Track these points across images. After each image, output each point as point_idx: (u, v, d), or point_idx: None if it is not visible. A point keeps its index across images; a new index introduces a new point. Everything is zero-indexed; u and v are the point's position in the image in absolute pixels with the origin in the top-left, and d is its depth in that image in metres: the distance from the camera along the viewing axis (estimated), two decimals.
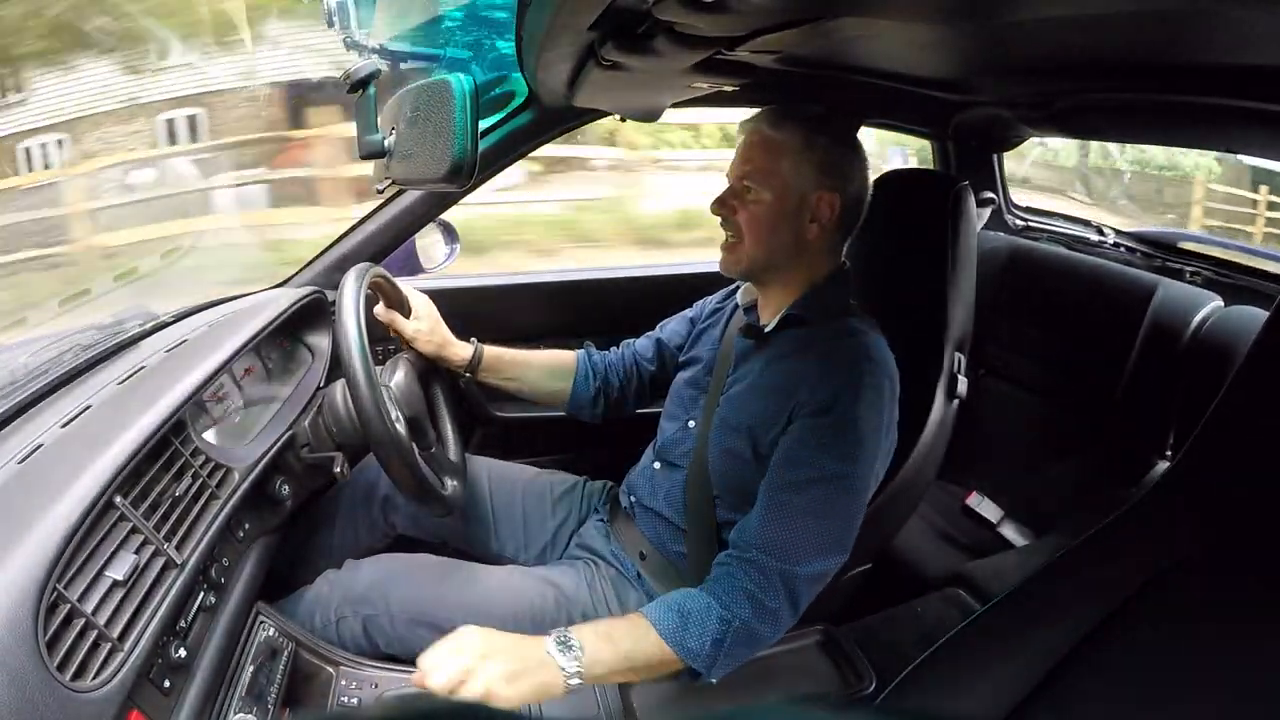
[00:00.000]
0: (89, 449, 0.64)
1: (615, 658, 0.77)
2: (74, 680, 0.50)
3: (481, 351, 1.12)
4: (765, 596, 0.81)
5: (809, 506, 0.84)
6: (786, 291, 0.99)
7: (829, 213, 0.93)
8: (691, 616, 0.80)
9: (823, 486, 0.84)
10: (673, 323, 1.21)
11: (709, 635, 0.80)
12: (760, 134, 0.95)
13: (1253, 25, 0.55)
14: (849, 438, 0.85)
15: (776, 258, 0.96)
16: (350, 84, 0.89)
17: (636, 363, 1.20)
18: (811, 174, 0.92)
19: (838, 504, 0.85)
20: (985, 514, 1.42)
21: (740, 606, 0.81)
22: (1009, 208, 1.70)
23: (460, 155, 0.78)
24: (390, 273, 1.06)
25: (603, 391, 1.19)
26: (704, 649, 0.79)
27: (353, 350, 0.83)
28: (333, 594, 0.95)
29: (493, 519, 1.15)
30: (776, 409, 0.91)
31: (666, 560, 1.02)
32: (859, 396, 0.86)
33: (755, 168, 0.94)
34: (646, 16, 0.59)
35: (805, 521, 0.83)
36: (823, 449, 0.85)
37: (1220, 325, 1.16)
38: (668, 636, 0.79)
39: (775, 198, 0.93)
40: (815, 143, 0.93)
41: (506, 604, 0.97)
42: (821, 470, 0.84)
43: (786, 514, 0.84)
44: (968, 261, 1.02)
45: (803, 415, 0.88)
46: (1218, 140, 1.07)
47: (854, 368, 0.88)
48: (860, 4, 0.62)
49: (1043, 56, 0.82)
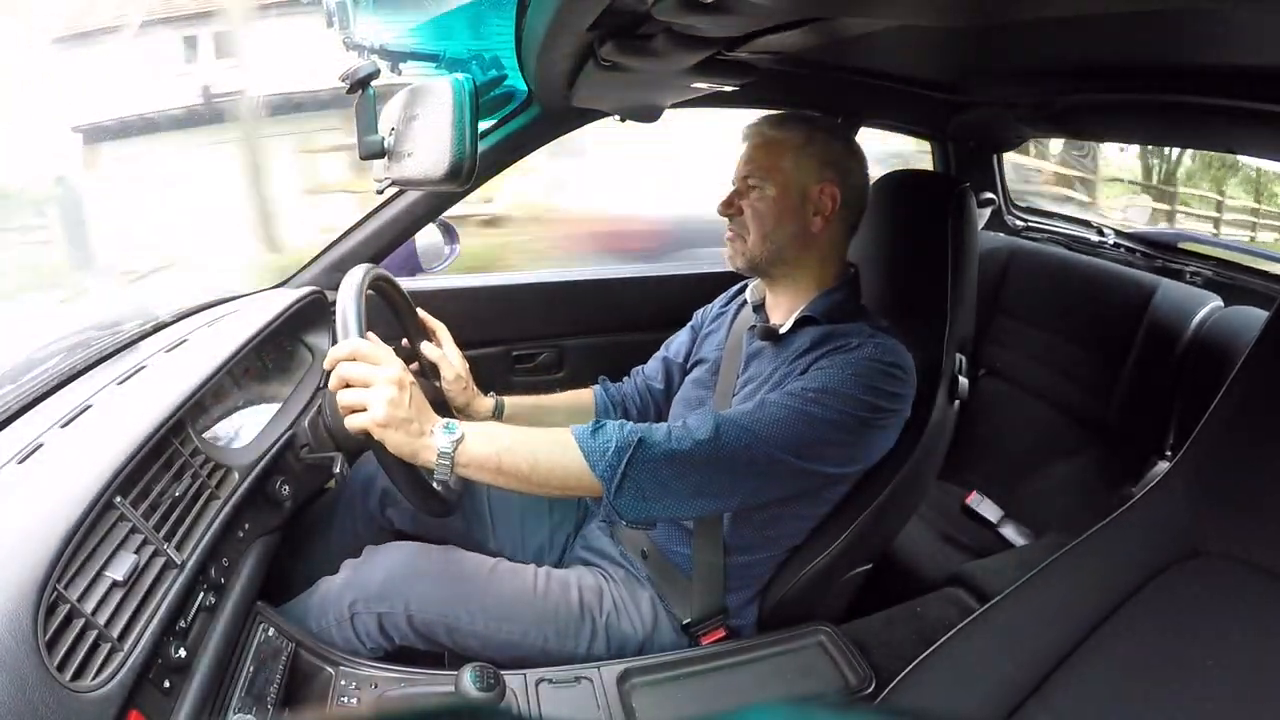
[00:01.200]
0: (89, 449, 0.64)
1: (491, 450, 0.79)
2: (74, 680, 0.50)
3: (503, 404, 1.11)
4: (691, 429, 0.83)
5: (735, 444, 0.83)
6: (797, 291, 0.99)
7: (831, 204, 0.95)
8: (607, 427, 0.82)
9: (787, 411, 0.84)
10: (676, 340, 1.21)
11: (613, 440, 0.81)
12: (762, 135, 0.98)
13: (1253, 25, 0.55)
14: (832, 402, 0.85)
15: (784, 251, 0.97)
16: (350, 84, 0.89)
17: (649, 387, 1.20)
18: (813, 167, 0.95)
19: (760, 460, 0.83)
20: (985, 514, 1.42)
21: (660, 431, 0.83)
22: (1009, 208, 1.71)
23: (460, 156, 0.78)
24: (390, 273, 1.06)
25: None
26: (606, 451, 0.80)
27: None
28: (346, 590, 0.92)
29: (490, 517, 1.15)
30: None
31: (669, 560, 1.02)
32: (859, 370, 0.86)
33: (758, 166, 0.96)
34: (646, 17, 0.59)
35: (762, 421, 0.83)
36: (787, 404, 0.85)
37: (1220, 325, 1.16)
38: (577, 433, 0.82)
39: (779, 192, 0.95)
40: (815, 138, 0.96)
41: (531, 608, 0.96)
42: (773, 424, 0.84)
43: (750, 411, 0.85)
44: (968, 262, 1.02)
45: (794, 376, 0.89)
46: (1218, 140, 1.07)
47: (860, 349, 0.88)
48: (860, 4, 0.62)
49: (1042, 57, 0.82)
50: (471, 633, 0.93)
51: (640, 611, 0.99)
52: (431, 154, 0.80)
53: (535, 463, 0.80)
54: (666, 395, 1.19)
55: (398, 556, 0.96)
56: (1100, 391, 1.29)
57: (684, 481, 0.82)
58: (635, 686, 0.89)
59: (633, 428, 0.83)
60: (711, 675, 0.91)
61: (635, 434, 0.82)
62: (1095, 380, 1.31)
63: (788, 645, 0.96)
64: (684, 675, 0.91)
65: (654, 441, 0.82)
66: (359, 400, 0.75)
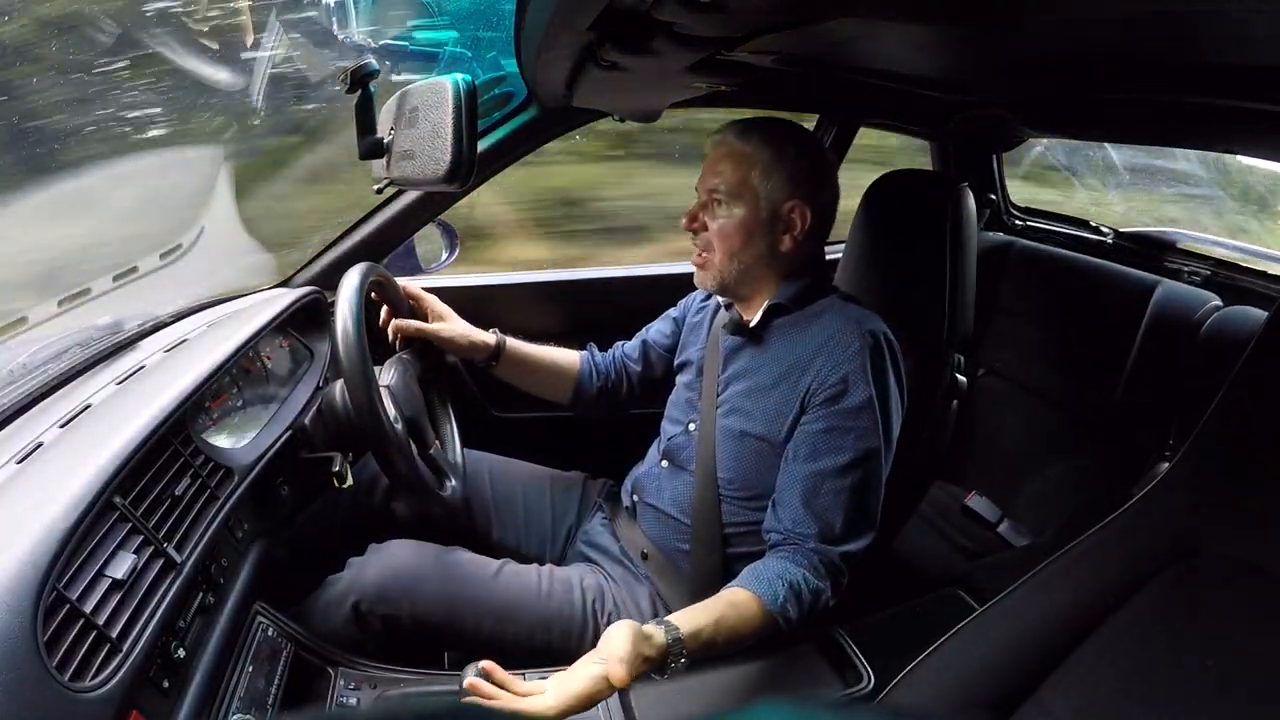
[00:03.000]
0: (88, 449, 0.64)
1: (710, 628, 0.79)
2: (73, 680, 0.50)
3: (504, 341, 1.13)
4: (818, 578, 0.85)
5: (851, 487, 0.87)
6: (764, 292, 0.99)
7: (801, 224, 0.94)
8: (788, 582, 0.84)
9: (859, 468, 0.87)
10: (658, 323, 1.22)
11: (805, 604, 0.84)
12: (728, 146, 0.94)
13: (1253, 25, 0.55)
14: (870, 415, 0.88)
15: (751, 270, 0.96)
16: (349, 84, 0.89)
17: (625, 365, 1.22)
18: (782, 185, 0.92)
19: (872, 479, 0.89)
20: (985, 514, 1.41)
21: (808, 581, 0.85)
22: (1008, 208, 1.70)
23: (459, 156, 0.78)
24: (390, 273, 1.06)
25: (604, 390, 1.20)
26: (798, 616, 0.83)
27: (351, 351, 0.83)
28: (349, 592, 0.92)
29: (494, 510, 1.15)
30: (785, 400, 0.92)
31: (669, 559, 1.02)
32: (866, 370, 0.88)
33: (724, 181, 0.93)
34: (645, 17, 0.59)
35: (847, 501, 0.87)
36: (849, 433, 0.88)
37: (1220, 325, 1.16)
38: (769, 601, 0.82)
39: (747, 212, 0.93)
40: (785, 153, 0.92)
41: (534, 609, 0.96)
42: (854, 453, 0.87)
43: (829, 499, 0.87)
44: (968, 262, 1.02)
45: (818, 404, 0.89)
46: (1218, 140, 1.07)
47: (851, 343, 0.89)
48: (859, 4, 0.62)
49: (1042, 57, 0.82)
50: (475, 634, 0.93)
51: (641, 611, 0.99)
52: (431, 154, 0.80)
53: (730, 646, 0.81)
54: (643, 375, 1.21)
55: (401, 557, 0.96)
56: (1100, 391, 1.29)
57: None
58: (635, 686, 0.89)
59: (806, 577, 0.85)
60: (711, 675, 0.91)
61: (814, 590, 0.85)
62: (1095, 380, 1.31)
63: (788, 645, 0.96)
64: (684, 675, 0.91)
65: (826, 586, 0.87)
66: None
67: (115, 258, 1.12)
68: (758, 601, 0.81)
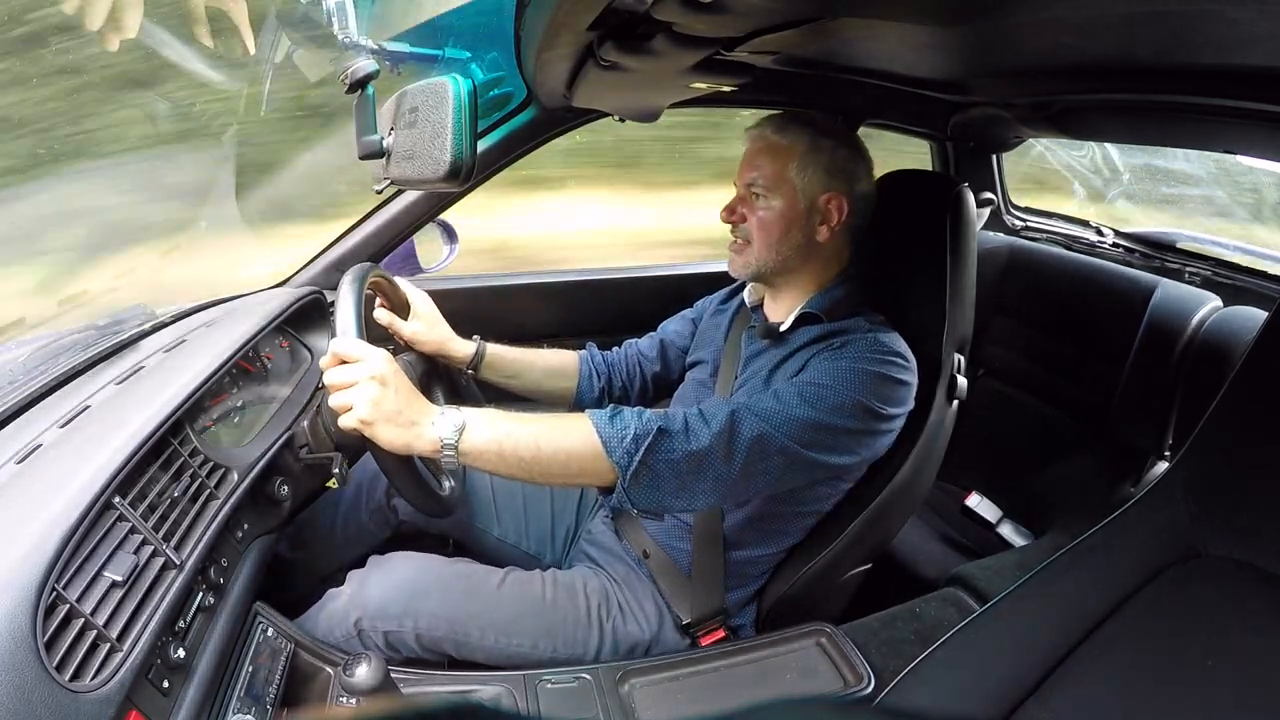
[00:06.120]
0: (88, 449, 0.64)
1: (493, 434, 0.77)
2: (73, 681, 0.50)
3: (484, 349, 1.11)
4: (707, 420, 0.81)
5: (782, 405, 0.83)
6: (797, 292, 0.99)
7: (838, 215, 0.95)
8: (625, 414, 0.80)
9: (782, 430, 0.82)
10: (674, 322, 1.21)
11: (632, 427, 0.79)
12: (765, 140, 0.96)
13: (1252, 26, 0.55)
14: (840, 380, 0.85)
15: (789, 261, 0.97)
16: (349, 84, 0.88)
17: (640, 362, 1.20)
18: (819, 177, 0.94)
19: (788, 455, 0.83)
20: (985, 514, 1.42)
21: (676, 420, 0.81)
22: (1008, 208, 1.70)
23: (459, 156, 0.78)
24: (390, 273, 1.05)
25: (606, 392, 1.19)
26: (625, 437, 0.78)
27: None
28: (351, 608, 0.91)
29: (494, 508, 1.15)
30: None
31: (670, 559, 1.02)
32: (863, 367, 0.86)
33: (762, 174, 0.95)
34: (645, 17, 0.59)
35: (749, 445, 0.81)
36: (814, 383, 0.85)
37: (1219, 325, 1.16)
38: (594, 417, 0.79)
39: (785, 203, 0.94)
40: (821, 145, 0.94)
41: (540, 619, 0.95)
42: (806, 392, 0.84)
43: (754, 404, 0.84)
44: (968, 262, 1.02)
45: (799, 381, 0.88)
46: (1218, 141, 1.07)
47: (864, 355, 0.88)
48: (859, 4, 0.62)
49: (1041, 57, 0.82)
50: (480, 647, 0.93)
51: (645, 612, 0.99)
52: (431, 154, 0.80)
53: (539, 448, 0.77)
54: (658, 376, 1.19)
55: (402, 572, 0.95)
56: (1100, 392, 1.29)
57: (700, 475, 0.80)
58: (635, 686, 0.89)
59: (650, 415, 0.81)
60: (711, 675, 0.91)
61: (654, 422, 0.80)
62: (1095, 380, 1.31)
63: (787, 645, 0.96)
64: (684, 675, 0.91)
65: (673, 431, 0.80)
66: (345, 401, 0.75)
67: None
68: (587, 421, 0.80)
